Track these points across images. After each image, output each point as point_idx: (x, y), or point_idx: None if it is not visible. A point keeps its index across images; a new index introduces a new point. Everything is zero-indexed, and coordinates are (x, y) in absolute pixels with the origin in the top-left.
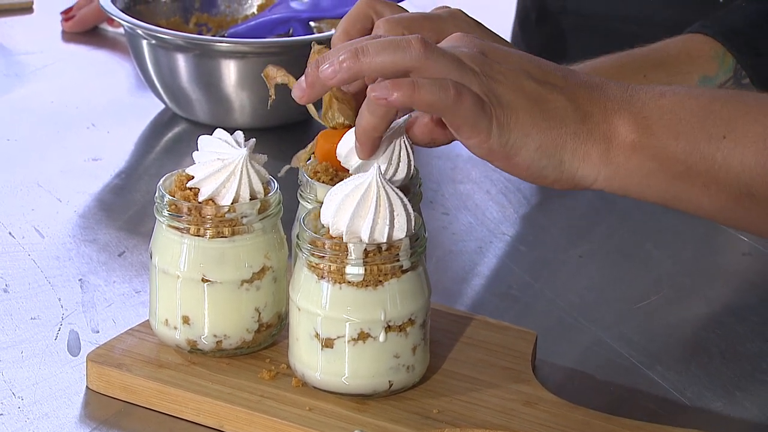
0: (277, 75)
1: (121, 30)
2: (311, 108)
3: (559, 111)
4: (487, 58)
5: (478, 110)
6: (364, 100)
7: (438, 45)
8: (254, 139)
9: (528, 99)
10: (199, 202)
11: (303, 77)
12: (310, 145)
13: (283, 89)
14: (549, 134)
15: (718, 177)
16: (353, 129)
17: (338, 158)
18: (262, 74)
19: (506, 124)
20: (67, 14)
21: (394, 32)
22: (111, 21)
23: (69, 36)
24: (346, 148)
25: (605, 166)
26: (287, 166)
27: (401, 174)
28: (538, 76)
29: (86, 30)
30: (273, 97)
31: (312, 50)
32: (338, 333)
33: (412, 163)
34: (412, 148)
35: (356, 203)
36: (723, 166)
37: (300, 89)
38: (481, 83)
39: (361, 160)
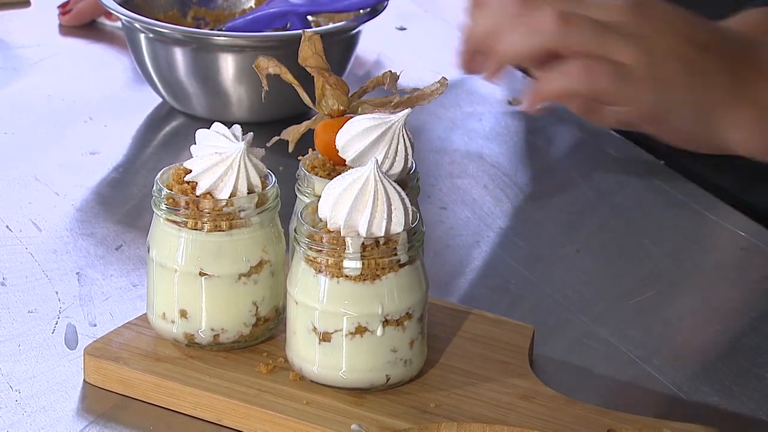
0: (268, 65)
1: (118, 24)
2: (305, 96)
3: (710, 74)
4: (633, 13)
5: (618, 82)
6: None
7: (587, 2)
8: (252, 133)
9: (677, 61)
10: (197, 196)
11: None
12: (304, 124)
13: (278, 82)
14: (699, 98)
15: None
16: (352, 120)
17: (337, 148)
18: (253, 65)
19: (657, 90)
20: (65, 8)
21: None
22: (108, 15)
23: (66, 30)
24: (345, 138)
25: (756, 132)
26: (276, 138)
27: (398, 168)
28: (687, 35)
29: (83, 24)
30: (265, 88)
31: (302, 38)
32: (336, 327)
33: (410, 157)
34: (410, 142)
35: (354, 197)
36: None
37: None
38: (624, 47)
39: (358, 151)
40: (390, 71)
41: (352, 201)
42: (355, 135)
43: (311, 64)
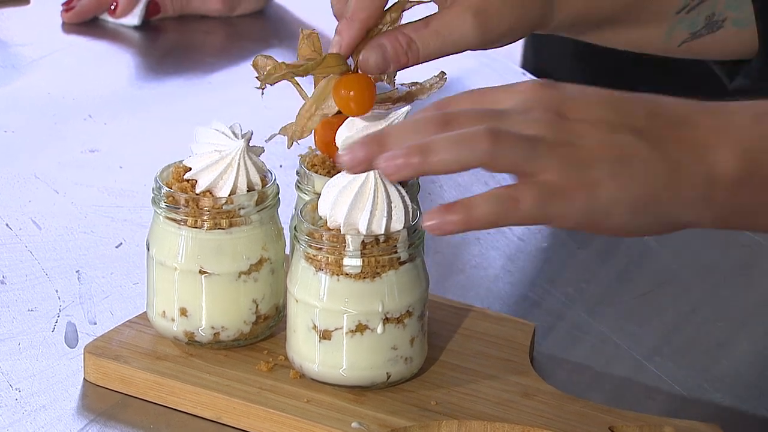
0: (267, 64)
1: (121, 20)
2: (304, 94)
3: (647, 165)
4: (562, 120)
5: (545, 203)
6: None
7: (508, 111)
8: (252, 131)
9: (610, 161)
10: (197, 194)
11: (357, 145)
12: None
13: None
14: (638, 194)
15: None
16: (351, 117)
17: (337, 145)
18: (251, 65)
19: (588, 198)
20: (68, 5)
21: (464, 118)
22: (111, 11)
23: (66, 27)
24: (344, 136)
25: (709, 208)
26: (274, 134)
27: None
28: (620, 124)
29: (86, 21)
30: (263, 87)
31: (301, 36)
32: (336, 325)
33: None
34: None
35: (354, 195)
36: None
37: (352, 159)
38: (557, 163)
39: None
40: None
41: (352, 199)
42: (354, 133)
43: None
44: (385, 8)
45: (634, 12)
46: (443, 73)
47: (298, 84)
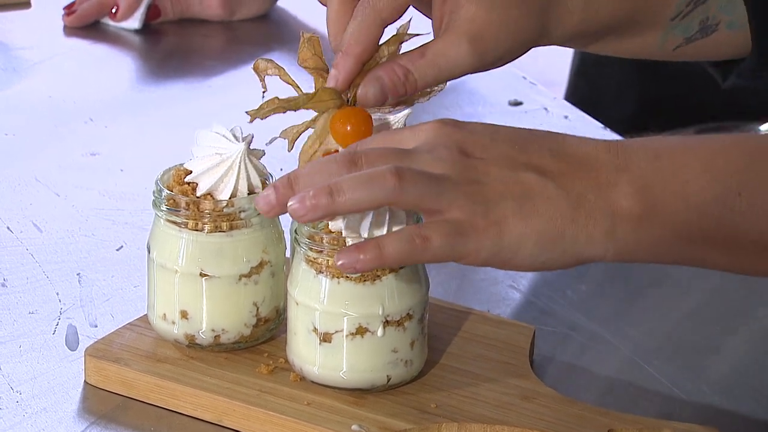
0: (267, 68)
1: (122, 24)
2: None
3: (551, 202)
4: (466, 158)
5: (454, 241)
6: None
7: (414, 150)
8: (252, 134)
9: (515, 198)
10: (197, 197)
11: (270, 190)
12: (303, 123)
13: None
14: (544, 229)
15: (737, 237)
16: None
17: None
18: (252, 68)
19: (495, 235)
20: (70, 8)
21: (371, 157)
22: (112, 15)
23: (68, 30)
24: None
25: (612, 242)
26: (274, 137)
27: None
28: (523, 162)
29: (87, 24)
30: (265, 89)
31: (301, 39)
32: (336, 327)
33: None
34: None
35: None
36: (741, 224)
37: (266, 204)
38: (463, 201)
39: None
40: None
41: None
42: None
43: (310, 65)
44: (383, 42)
45: (631, 22)
46: None
47: (298, 86)
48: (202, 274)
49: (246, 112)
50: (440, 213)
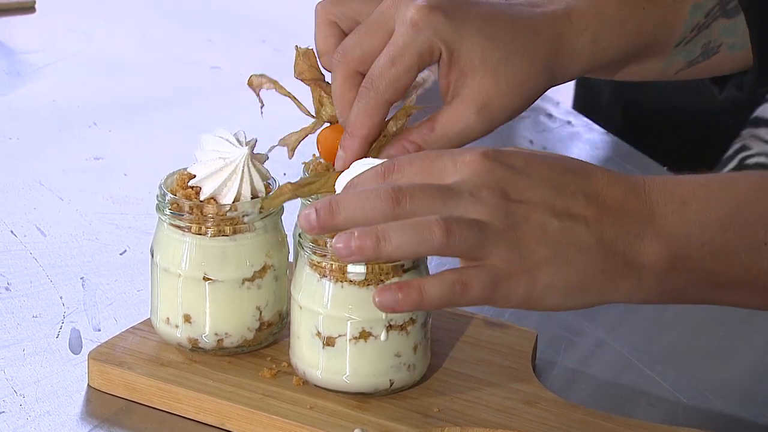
0: (262, 83)
1: None
2: (303, 108)
3: (584, 252)
4: (507, 202)
5: (491, 289)
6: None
7: (457, 191)
8: (256, 138)
9: (551, 247)
10: (201, 201)
11: (312, 210)
12: (302, 130)
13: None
14: (574, 279)
15: (765, 282)
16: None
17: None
18: (246, 83)
19: (527, 282)
20: None
21: (416, 198)
22: None
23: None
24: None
25: (638, 291)
26: (273, 146)
27: None
28: (560, 208)
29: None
30: (263, 104)
31: (296, 53)
32: (340, 331)
33: None
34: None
35: None
36: None
37: (307, 223)
38: (503, 249)
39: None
40: None
41: None
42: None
43: (307, 77)
44: (391, 117)
45: (637, 53)
46: (435, 66)
47: (294, 98)
48: (205, 278)
49: (261, 204)
50: (480, 259)
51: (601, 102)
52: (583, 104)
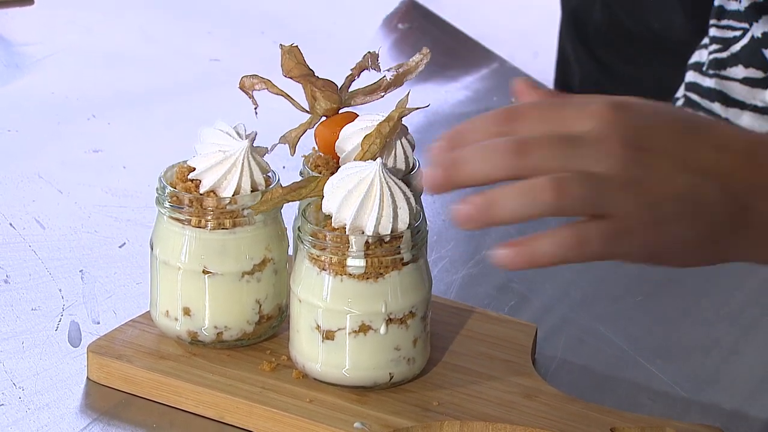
0: (254, 83)
1: None
2: (297, 104)
3: (713, 207)
4: (633, 154)
5: (613, 242)
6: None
7: (582, 142)
8: (256, 131)
9: (676, 200)
10: (201, 194)
11: (437, 169)
12: (300, 126)
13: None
14: (702, 234)
15: None
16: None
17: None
18: (238, 86)
19: (652, 237)
20: None
21: (537, 150)
22: None
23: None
24: (343, 141)
25: (762, 248)
26: (275, 143)
27: (400, 166)
28: (688, 160)
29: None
30: (256, 105)
31: (282, 51)
32: (339, 325)
33: (410, 156)
34: (409, 142)
35: (361, 199)
36: None
37: (432, 181)
38: (624, 203)
39: (350, 148)
40: (369, 52)
41: (359, 203)
42: (348, 136)
43: (296, 74)
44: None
45: None
46: (427, 48)
47: (288, 95)
48: (205, 271)
49: (251, 208)
50: (600, 215)
51: (574, 84)
52: (561, 86)
